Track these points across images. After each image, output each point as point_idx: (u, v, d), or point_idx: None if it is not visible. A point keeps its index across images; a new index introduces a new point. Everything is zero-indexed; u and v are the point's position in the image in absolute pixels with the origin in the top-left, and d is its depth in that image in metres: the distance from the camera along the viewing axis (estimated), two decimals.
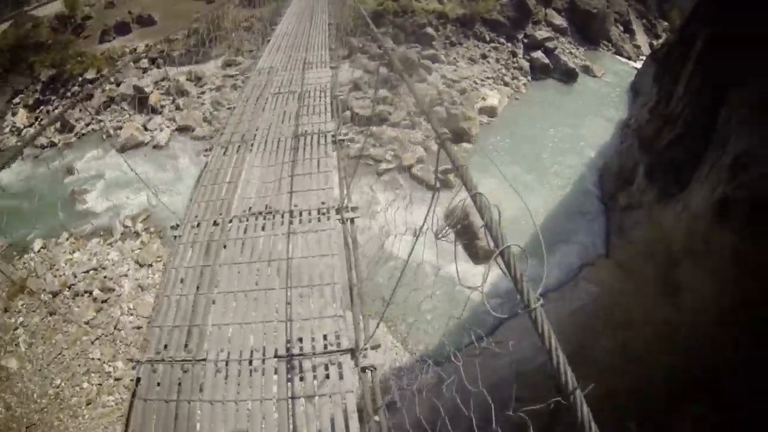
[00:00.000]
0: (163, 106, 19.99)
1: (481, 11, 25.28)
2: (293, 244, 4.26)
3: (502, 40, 25.50)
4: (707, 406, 6.77)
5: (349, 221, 4.50)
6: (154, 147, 18.68)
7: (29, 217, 17.08)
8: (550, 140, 20.60)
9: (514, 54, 25.17)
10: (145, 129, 19.62)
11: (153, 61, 23.24)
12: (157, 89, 21.04)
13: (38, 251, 15.45)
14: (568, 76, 25.29)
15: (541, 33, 26.80)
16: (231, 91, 18.67)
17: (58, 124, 22.49)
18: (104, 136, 20.47)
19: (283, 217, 4.60)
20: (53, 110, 23.84)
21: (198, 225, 4.66)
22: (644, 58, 29.94)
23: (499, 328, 12.92)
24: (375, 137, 17.09)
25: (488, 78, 23.04)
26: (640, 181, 16.12)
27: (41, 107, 24.80)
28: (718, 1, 15.68)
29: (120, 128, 20.32)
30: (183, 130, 18.74)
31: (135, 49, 24.17)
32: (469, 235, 14.54)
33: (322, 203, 4.73)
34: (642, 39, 34.96)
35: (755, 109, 11.35)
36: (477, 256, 14.23)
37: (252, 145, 6.30)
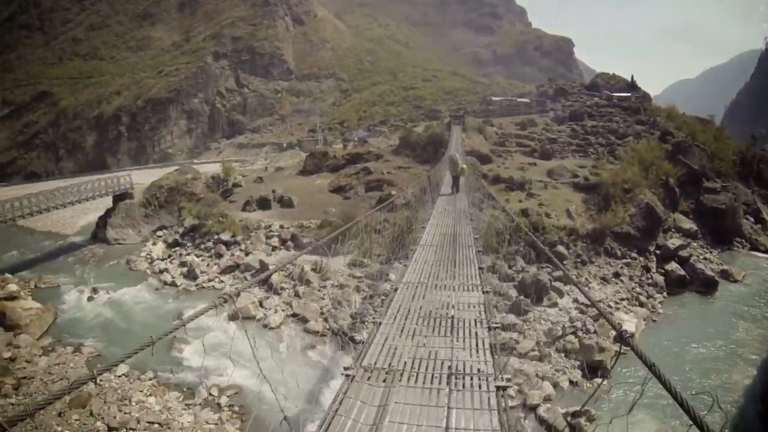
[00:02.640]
0: (283, 289, 20.26)
1: (610, 224, 24.38)
2: None
3: (633, 254, 24.19)
4: None
5: None
6: (264, 326, 18.35)
7: (128, 340, 17.29)
8: (697, 363, 17.77)
9: (647, 269, 23.47)
10: (261, 305, 19.74)
11: (284, 242, 24.63)
12: (282, 270, 21.99)
13: (119, 376, 15.10)
14: (707, 286, 22.93)
15: (674, 242, 25.38)
16: (353, 293, 18.78)
17: (185, 269, 24.22)
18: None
19: None
20: (186, 255, 25.86)
21: None
22: None
23: None
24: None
25: (622, 299, 21.19)
26: None
27: (177, 248, 27.15)
28: None
29: (237, 295, 21.04)
30: (297, 318, 18.33)
31: (270, 226, 26.19)
32: None
33: None
34: None
35: None
36: None
37: (400, 377, 5.31)
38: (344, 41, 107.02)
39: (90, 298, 21.61)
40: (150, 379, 15.34)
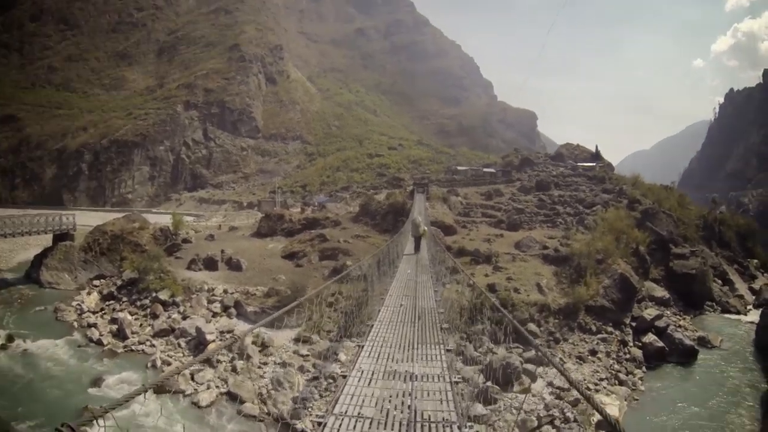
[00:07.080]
0: (219, 362, 17.94)
1: (584, 298, 23.17)
2: None
3: (609, 328, 22.90)
4: None
5: None
6: (193, 403, 15.89)
7: (31, 405, 15.47)
8: None
9: (624, 343, 22.26)
10: (192, 378, 17.28)
11: (226, 308, 22.43)
12: (220, 340, 19.41)
13: None
14: (686, 355, 22.17)
15: (649, 312, 24.69)
16: (297, 374, 16.39)
17: (115, 327, 21.71)
18: (149, 364, 18.48)
19: None
20: (119, 310, 23.31)
21: None
22: (751, 307, 30.60)
23: None
24: None
25: (602, 379, 19.52)
26: None
27: (111, 302, 24.54)
28: None
29: (168, 363, 18.43)
30: (231, 397, 15.99)
31: (213, 290, 23.96)
32: None
33: None
34: (741, 286, 34.17)
35: None
36: None
37: None
38: (313, 104, 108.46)
39: (3, 346, 19.37)
40: None
